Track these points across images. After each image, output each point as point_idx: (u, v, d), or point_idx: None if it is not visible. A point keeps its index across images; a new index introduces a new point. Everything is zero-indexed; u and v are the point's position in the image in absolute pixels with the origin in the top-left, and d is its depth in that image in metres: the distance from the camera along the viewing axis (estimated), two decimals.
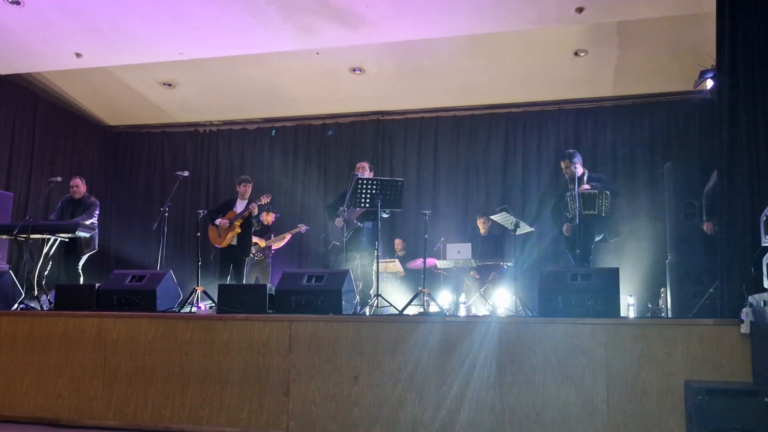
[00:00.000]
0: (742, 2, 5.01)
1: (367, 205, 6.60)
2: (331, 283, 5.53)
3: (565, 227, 7.33)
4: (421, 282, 6.93)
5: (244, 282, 8.38)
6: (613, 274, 5.09)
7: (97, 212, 8.11)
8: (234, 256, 8.44)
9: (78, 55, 8.85)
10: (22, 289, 6.67)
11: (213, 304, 7.03)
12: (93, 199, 8.29)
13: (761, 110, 4.83)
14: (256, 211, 8.34)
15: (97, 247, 8.20)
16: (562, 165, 7.36)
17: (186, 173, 8.05)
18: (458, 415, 4.60)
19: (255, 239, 9.11)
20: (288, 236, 9.50)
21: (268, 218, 9.55)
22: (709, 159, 6.14)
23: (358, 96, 10.65)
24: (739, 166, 4.87)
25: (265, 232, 9.44)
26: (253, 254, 9.23)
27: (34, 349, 5.48)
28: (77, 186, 8.28)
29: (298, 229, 9.36)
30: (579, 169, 7.20)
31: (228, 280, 8.31)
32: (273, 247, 9.54)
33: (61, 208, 8.25)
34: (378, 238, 6.76)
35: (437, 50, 8.99)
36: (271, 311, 5.48)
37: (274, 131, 11.67)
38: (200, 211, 7.98)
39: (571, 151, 7.55)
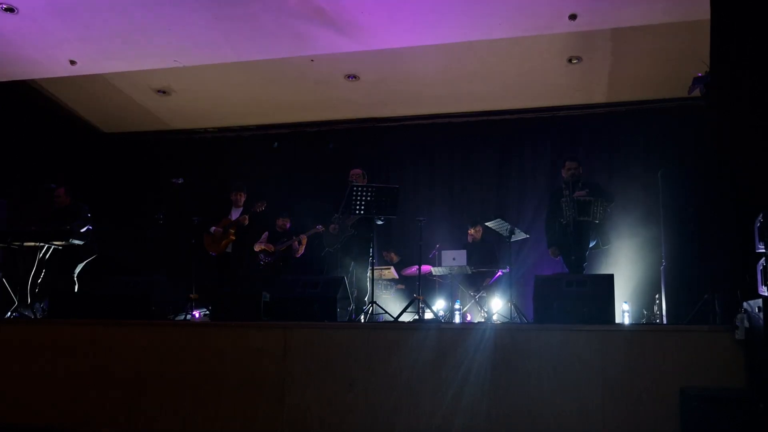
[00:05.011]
0: (736, 9, 5.04)
1: (362, 212, 6.59)
2: (325, 290, 5.53)
3: (551, 250, 7.37)
4: (416, 289, 6.93)
5: (239, 289, 8.36)
6: (608, 281, 5.10)
7: (89, 216, 8.00)
8: (229, 264, 8.43)
9: (72, 62, 8.84)
10: (15, 297, 6.64)
11: (207, 311, 7.02)
12: (80, 203, 8.16)
13: (753, 117, 4.84)
14: (246, 222, 8.29)
15: (97, 251, 8.13)
16: (569, 165, 7.34)
17: (180, 180, 8.02)
18: (453, 421, 4.59)
19: (263, 246, 9.04)
20: (305, 239, 9.14)
21: (280, 223, 9.36)
22: (703, 165, 6.15)
23: (352, 103, 10.65)
24: (732, 172, 4.88)
25: (289, 237, 9.14)
26: (262, 261, 9.11)
27: (28, 356, 5.46)
28: (60, 196, 8.18)
29: (316, 230, 8.79)
30: (578, 174, 7.24)
31: (223, 288, 8.30)
32: (297, 255, 9.15)
33: (53, 216, 8.17)
34: (373, 245, 6.76)
35: (432, 57, 9.00)
36: (265, 318, 5.47)
37: (276, 143, 11.60)
38: (194, 218, 7.96)
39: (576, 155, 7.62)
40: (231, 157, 11.91)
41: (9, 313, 6.41)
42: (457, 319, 7.85)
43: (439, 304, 8.78)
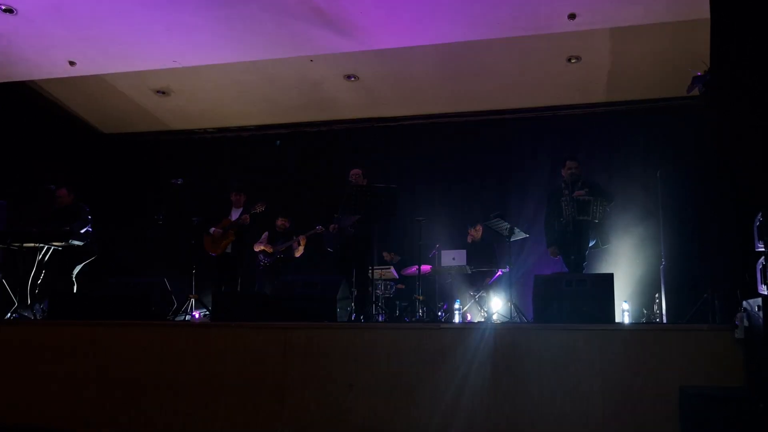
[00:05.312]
0: (736, 8, 5.04)
1: (362, 212, 6.59)
2: (325, 290, 5.52)
3: (551, 250, 7.38)
4: (416, 289, 6.93)
5: (239, 290, 8.37)
6: (608, 280, 5.10)
7: (89, 217, 8.01)
8: (229, 264, 8.43)
9: (72, 63, 8.84)
10: (15, 298, 6.64)
11: (207, 312, 7.02)
12: (81, 204, 8.15)
13: (753, 116, 4.84)
14: (248, 221, 8.30)
15: (96, 252, 8.13)
16: (569, 165, 7.35)
17: (180, 181, 8.01)
18: (453, 421, 4.59)
19: (262, 246, 9.03)
20: (304, 240, 9.11)
21: (280, 224, 9.38)
22: (702, 165, 6.16)
23: (352, 103, 10.65)
24: (731, 171, 4.88)
25: (289, 237, 9.15)
26: (261, 262, 9.11)
27: (28, 357, 5.46)
28: (62, 196, 8.18)
29: (315, 231, 8.68)
30: (578, 173, 7.26)
31: (223, 288, 8.30)
32: (296, 255, 9.15)
33: (52, 217, 8.16)
34: (373, 245, 6.76)
35: (431, 57, 9.00)
36: (265, 318, 5.47)
37: (279, 141, 11.61)
38: (194, 219, 7.95)
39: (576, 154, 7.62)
40: (231, 157, 11.91)
41: (9, 314, 6.40)
42: (457, 319, 7.85)
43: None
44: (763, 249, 4.07)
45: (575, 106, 10.47)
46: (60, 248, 7.45)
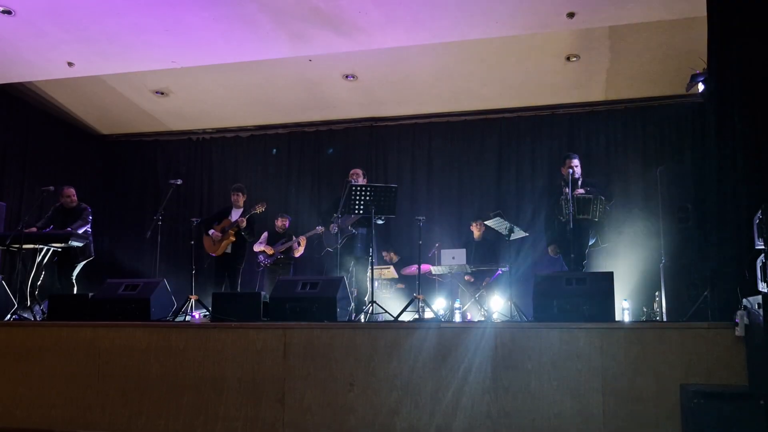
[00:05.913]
0: (732, 7, 5.04)
1: (361, 211, 6.59)
2: (325, 290, 5.52)
3: (550, 248, 7.38)
4: (416, 288, 6.92)
5: (239, 290, 8.36)
6: (608, 279, 5.10)
7: (90, 218, 8.03)
8: (229, 265, 8.42)
9: (70, 64, 8.83)
10: (15, 300, 6.63)
11: (207, 313, 7.01)
12: (83, 205, 8.19)
13: (752, 113, 4.84)
14: (244, 225, 8.29)
15: (93, 254, 8.14)
16: (569, 163, 7.34)
17: (179, 181, 8.00)
18: (454, 421, 4.59)
19: (262, 247, 9.02)
20: (304, 240, 9.14)
21: (279, 224, 9.39)
22: (701, 162, 6.15)
23: (351, 102, 10.65)
24: (731, 168, 4.88)
25: (288, 238, 9.14)
26: (262, 262, 9.10)
27: (28, 359, 5.46)
28: (71, 196, 8.19)
29: (315, 231, 8.57)
30: (579, 171, 7.26)
31: (223, 289, 8.29)
32: (296, 255, 9.17)
33: (51, 217, 8.16)
34: (372, 245, 6.75)
35: (429, 56, 9.00)
36: (265, 319, 5.47)
37: (275, 150, 11.61)
38: (194, 219, 7.95)
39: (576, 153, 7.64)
40: (230, 157, 11.91)
41: (9, 316, 6.40)
42: (457, 318, 7.84)
43: (439, 303, 8.77)
44: (762, 246, 4.06)
45: (574, 104, 10.47)
46: (59, 249, 7.44)
